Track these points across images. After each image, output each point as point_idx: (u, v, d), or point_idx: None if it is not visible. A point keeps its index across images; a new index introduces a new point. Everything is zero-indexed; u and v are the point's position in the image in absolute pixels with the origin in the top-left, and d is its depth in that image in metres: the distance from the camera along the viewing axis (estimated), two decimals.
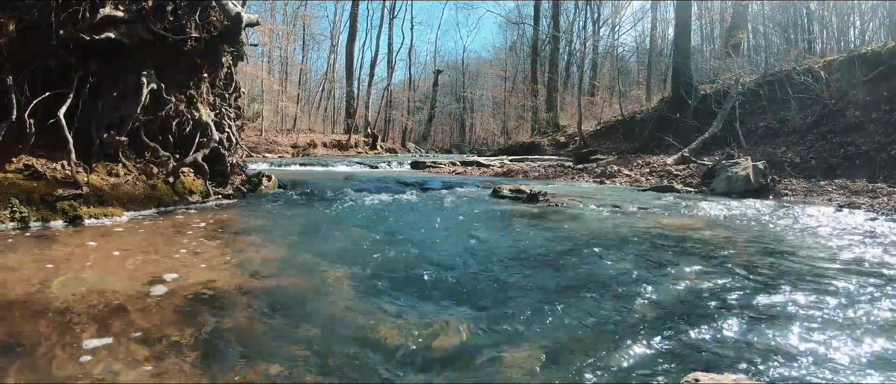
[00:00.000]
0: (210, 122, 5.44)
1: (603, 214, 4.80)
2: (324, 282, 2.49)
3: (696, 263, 2.86)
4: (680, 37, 14.62)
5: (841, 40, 14.95)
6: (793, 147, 9.22)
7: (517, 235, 3.82)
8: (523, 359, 1.69)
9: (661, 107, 14.39)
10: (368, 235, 3.68)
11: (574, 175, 9.78)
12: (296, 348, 1.73)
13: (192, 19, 5.11)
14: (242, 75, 9.09)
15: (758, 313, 2.08)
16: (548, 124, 22.25)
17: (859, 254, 3.16)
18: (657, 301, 2.24)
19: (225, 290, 2.30)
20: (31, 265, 2.56)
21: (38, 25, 4.24)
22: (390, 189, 6.70)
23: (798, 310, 2.12)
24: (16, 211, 3.51)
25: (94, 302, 2.07)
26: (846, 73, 9.81)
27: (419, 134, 33.94)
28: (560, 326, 1.96)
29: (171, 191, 4.72)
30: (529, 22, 28.65)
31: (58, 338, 1.72)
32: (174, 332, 1.81)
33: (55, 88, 4.34)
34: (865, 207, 5.25)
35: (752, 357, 1.69)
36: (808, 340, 1.82)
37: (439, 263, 2.87)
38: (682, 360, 1.67)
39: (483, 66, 38.05)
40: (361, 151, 21.45)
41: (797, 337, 1.85)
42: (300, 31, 26.86)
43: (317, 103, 28.94)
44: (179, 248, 3.05)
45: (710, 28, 23.09)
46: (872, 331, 1.89)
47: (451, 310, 2.13)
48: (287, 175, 7.80)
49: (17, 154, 4.18)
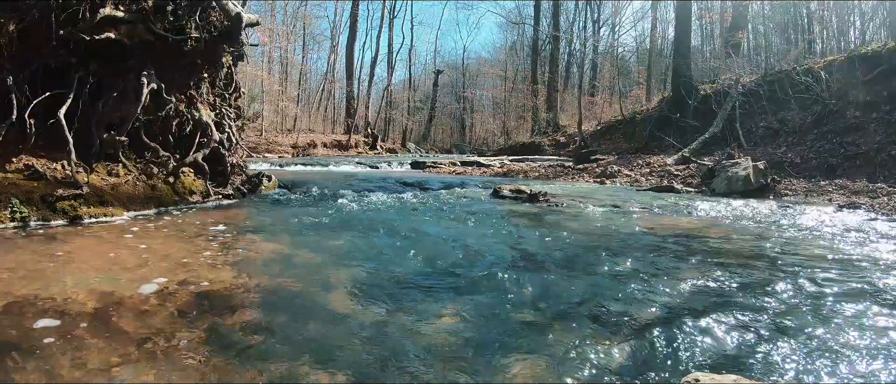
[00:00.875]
0: (210, 122, 5.44)
1: (603, 214, 4.80)
2: (325, 282, 2.49)
3: (697, 263, 2.86)
4: (680, 37, 14.62)
5: (841, 40, 14.96)
6: (793, 147, 9.22)
7: (517, 235, 3.82)
8: (524, 357, 1.69)
9: (662, 107, 14.39)
10: (369, 235, 3.68)
11: (574, 175, 9.78)
12: (297, 347, 1.73)
13: (192, 19, 5.11)
14: (242, 75, 9.08)
15: (758, 313, 2.07)
16: (548, 124, 22.25)
17: (860, 254, 3.16)
18: (657, 301, 2.24)
19: (226, 290, 2.30)
20: (31, 265, 2.56)
21: (39, 25, 4.24)
22: (391, 189, 6.70)
23: (798, 310, 2.11)
24: (16, 211, 3.51)
25: (95, 301, 2.07)
26: (846, 74, 9.81)
27: (419, 134, 33.93)
28: (560, 326, 1.95)
29: (171, 191, 4.72)
30: (529, 22, 28.67)
31: (58, 339, 1.72)
32: (175, 332, 1.81)
33: (55, 88, 4.34)
34: (865, 207, 5.25)
35: (752, 357, 1.69)
36: (809, 340, 1.82)
37: (440, 263, 2.87)
38: (682, 360, 1.67)
39: (483, 66, 38.04)
40: (361, 151, 21.46)
41: (797, 337, 1.84)
42: (300, 31, 26.90)
43: (317, 103, 28.95)
44: (180, 248, 3.05)
45: (710, 28, 23.11)
46: (873, 332, 1.89)
47: (452, 309, 2.13)
48: (287, 175, 7.80)
49: (17, 154, 4.18)
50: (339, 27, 28.13)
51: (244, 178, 5.99)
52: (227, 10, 5.25)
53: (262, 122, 20.28)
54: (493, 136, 31.86)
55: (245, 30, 5.77)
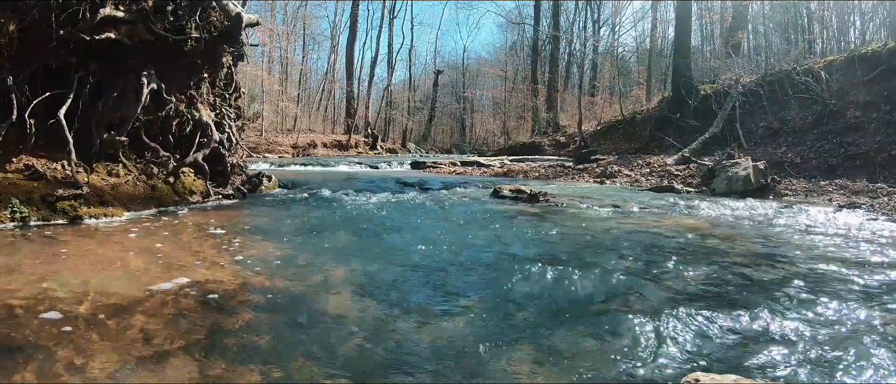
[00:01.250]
0: (210, 123, 5.44)
1: (603, 214, 4.80)
2: (326, 282, 2.49)
3: (697, 263, 2.86)
4: (680, 37, 14.62)
5: (841, 40, 14.95)
6: (793, 147, 9.22)
7: (517, 235, 3.82)
8: (524, 358, 1.69)
9: (662, 107, 14.39)
10: (369, 235, 3.68)
11: (574, 175, 9.78)
12: (297, 347, 1.73)
13: (192, 19, 5.11)
14: (242, 75, 9.09)
15: (758, 313, 2.07)
16: (548, 124, 22.24)
17: (860, 254, 3.16)
18: (657, 300, 2.24)
19: (226, 290, 2.30)
20: (31, 265, 2.56)
21: (39, 25, 4.24)
22: (391, 189, 6.70)
23: (798, 310, 2.11)
24: (16, 211, 3.51)
25: (95, 301, 2.07)
26: (846, 74, 9.80)
27: (419, 134, 33.92)
28: (560, 326, 1.95)
29: (171, 191, 4.72)
30: (530, 22, 28.63)
31: (58, 339, 1.72)
32: (176, 332, 1.81)
33: (55, 88, 4.34)
34: (865, 207, 5.25)
35: (752, 357, 1.69)
36: (809, 340, 1.82)
37: (440, 263, 2.87)
38: (682, 360, 1.67)
39: (483, 66, 38.01)
40: (362, 151, 21.46)
41: (797, 337, 1.84)
42: (300, 31, 26.89)
43: (317, 103, 28.94)
44: (180, 248, 3.05)
45: (710, 28, 23.10)
46: (873, 332, 1.89)
47: (452, 309, 2.13)
48: (287, 175, 7.80)
49: (17, 154, 4.18)
50: (339, 27, 28.15)
51: (244, 178, 5.99)
52: (227, 10, 5.25)
53: (262, 122, 20.28)
54: (493, 136, 31.85)
55: (245, 30, 5.77)
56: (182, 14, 5.05)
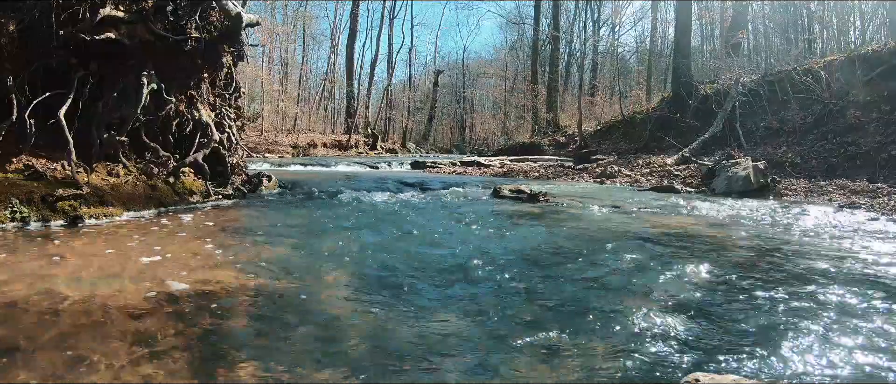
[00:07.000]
0: (210, 123, 5.44)
1: (603, 214, 4.80)
2: (326, 282, 2.49)
3: (697, 263, 2.86)
4: (680, 37, 14.61)
5: (841, 40, 14.94)
6: (793, 147, 9.21)
7: (517, 235, 3.82)
8: (524, 358, 1.69)
9: (662, 107, 14.38)
10: (369, 235, 3.68)
11: (574, 175, 9.78)
12: (298, 347, 1.73)
13: (192, 19, 5.11)
14: (242, 75, 9.08)
15: (758, 313, 2.07)
16: (548, 124, 22.23)
17: (860, 254, 3.16)
18: (657, 300, 2.24)
19: (226, 290, 2.30)
20: (31, 265, 2.56)
21: (39, 25, 4.24)
22: (391, 189, 6.70)
23: (798, 309, 2.11)
24: (16, 211, 3.51)
25: (95, 301, 2.07)
26: (846, 74, 9.80)
27: (419, 134, 33.90)
28: (560, 326, 1.95)
29: (171, 191, 4.72)
30: (530, 22, 28.61)
31: (59, 339, 1.72)
32: (176, 332, 1.81)
33: (55, 88, 4.34)
34: (866, 207, 5.24)
35: (752, 357, 1.69)
36: (809, 340, 1.82)
37: (440, 263, 2.87)
38: (682, 360, 1.67)
39: (483, 67, 37.99)
40: (362, 152, 21.44)
41: (798, 336, 1.84)
42: (300, 31, 26.87)
43: (317, 103, 28.91)
44: (180, 248, 3.05)
45: (710, 28, 23.09)
46: (872, 331, 1.89)
47: (452, 309, 2.13)
48: (287, 175, 7.79)
49: (17, 154, 4.19)
50: (339, 27, 28.12)
51: (244, 177, 5.99)
52: (227, 10, 5.25)
53: (262, 122, 20.26)
54: (493, 136, 31.84)
55: (245, 30, 5.77)
56: (182, 14, 5.05)
